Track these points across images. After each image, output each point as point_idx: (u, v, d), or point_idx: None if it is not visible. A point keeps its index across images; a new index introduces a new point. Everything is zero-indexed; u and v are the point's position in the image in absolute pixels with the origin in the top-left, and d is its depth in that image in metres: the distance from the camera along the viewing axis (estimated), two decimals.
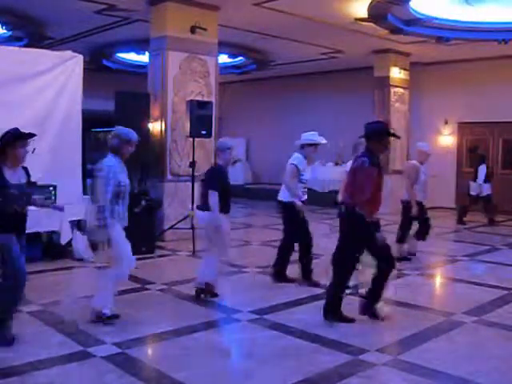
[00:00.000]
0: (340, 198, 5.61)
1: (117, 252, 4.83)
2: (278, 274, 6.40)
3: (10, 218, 4.32)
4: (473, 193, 11.65)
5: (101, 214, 4.66)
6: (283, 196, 6.26)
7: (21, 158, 4.40)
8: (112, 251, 4.86)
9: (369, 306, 5.04)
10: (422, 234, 7.75)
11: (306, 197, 6.31)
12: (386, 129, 5.11)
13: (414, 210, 7.40)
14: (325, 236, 8.31)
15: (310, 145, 6.21)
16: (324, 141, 6.36)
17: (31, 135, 4.45)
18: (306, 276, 6.35)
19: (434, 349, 4.39)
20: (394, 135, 5.11)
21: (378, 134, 4.94)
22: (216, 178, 5.50)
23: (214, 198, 5.39)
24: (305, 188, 6.30)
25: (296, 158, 6.21)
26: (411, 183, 7.43)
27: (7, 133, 4.36)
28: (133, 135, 4.92)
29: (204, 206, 5.51)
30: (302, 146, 6.23)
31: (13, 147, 4.32)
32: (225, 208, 5.50)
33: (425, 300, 5.78)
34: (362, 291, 5.29)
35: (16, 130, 4.41)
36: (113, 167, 4.73)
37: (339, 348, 4.32)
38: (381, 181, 4.88)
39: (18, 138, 4.36)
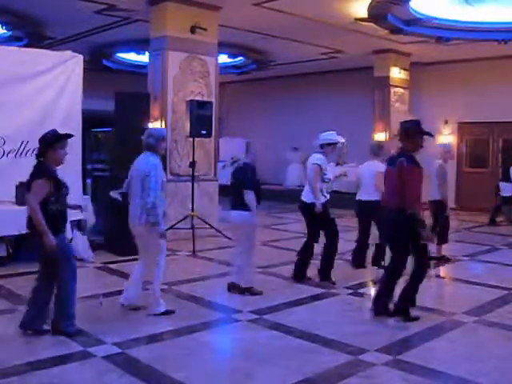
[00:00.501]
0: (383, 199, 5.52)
1: (161, 247, 5.07)
2: (300, 274, 6.43)
3: (61, 217, 4.45)
4: (506, 194, 11.43)
5: (154, 211, 4.84)
6: (307, 197, 6.29)
7: (60, 160, 4.48)
8: (157, 247, 5.03)
9: (399, 308, 5.03)
10: (446, 236, 7.68)
11: (328, 196, 6.34)
12: (419, 128, 5.07)
13: (448, 209, 7.46)
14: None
15: (329, 144, 6.28)
16: (342, 139, 6.49)
17: (69, 136, 4.52)
18: (322, 274, 6.40)
19: (434, 349, 4.40)
20: (427, 133, 5.13)
21: (412, 134, 4.97)
22: (250, 177, 5.66)
23: (251, 196, 5.55)
24: (327, 187, 6.38)
25: (318, 158, 6.24)
26: (441, 183, 7.41)
27: (46, 134, 4.44)
28: (165, 132, 5.48)
29: (240, 205, 5.61)
30: (322, 146, 6.29)
31: (53, 149, 4.38)
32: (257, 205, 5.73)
33: (425, 300, 5.76)
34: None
35: (55, 131, 4.47)
36: (159, 165, 4.95)
37: (339, 348, 4.33)
38: (421, 178, 4.92)
39: (57, 140, 4.41)
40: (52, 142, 4.37)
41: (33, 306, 4.51)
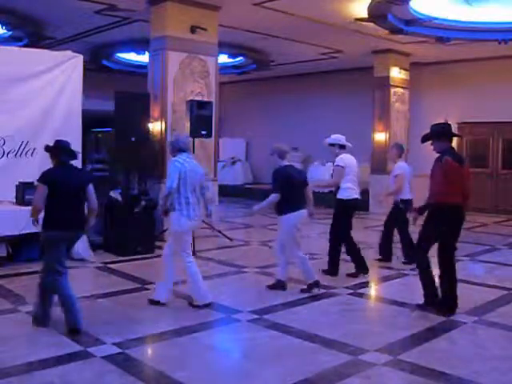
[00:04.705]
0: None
1: None
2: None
3: None
4: None
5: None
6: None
7: None
8: None
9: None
10: None
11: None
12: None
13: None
14: (322, 236, 8.28)
15: (333, 145, 6.84)
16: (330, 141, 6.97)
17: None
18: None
19: (434, 349, 4.40)
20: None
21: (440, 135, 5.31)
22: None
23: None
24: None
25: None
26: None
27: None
28: None
29: (305, 203, 5.91)
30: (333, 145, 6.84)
31: None
32: None
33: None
34: None
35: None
36: None
37: (339, 348, 4.33)
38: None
39: None
40: None
41: None
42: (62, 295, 4.60)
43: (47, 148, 4.95)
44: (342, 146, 6.77)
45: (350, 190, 6.58)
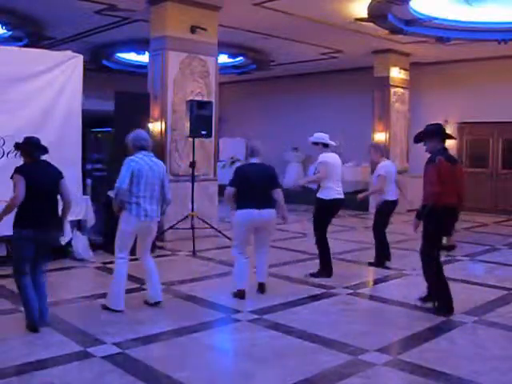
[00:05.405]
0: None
1: None
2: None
3: None
4: None
5: None
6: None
7: None
8: None
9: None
10: None
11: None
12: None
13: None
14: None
15: (316, 143, 6.70)
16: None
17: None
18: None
19: (434, 349, 4.40)
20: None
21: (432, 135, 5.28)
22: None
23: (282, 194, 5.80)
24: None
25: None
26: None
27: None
28: None
29: (270, 203, 5.70)
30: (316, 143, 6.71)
31: None
32: None
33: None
34: None
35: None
36: None
37: (339, 348, 4.33)
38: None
39: None
40: None
41: None
42: (22, 294, 4.59)
43: (17, 146, 4.83)
44: (326, 145, 6.63)
45: (329, 190, 6.47)
